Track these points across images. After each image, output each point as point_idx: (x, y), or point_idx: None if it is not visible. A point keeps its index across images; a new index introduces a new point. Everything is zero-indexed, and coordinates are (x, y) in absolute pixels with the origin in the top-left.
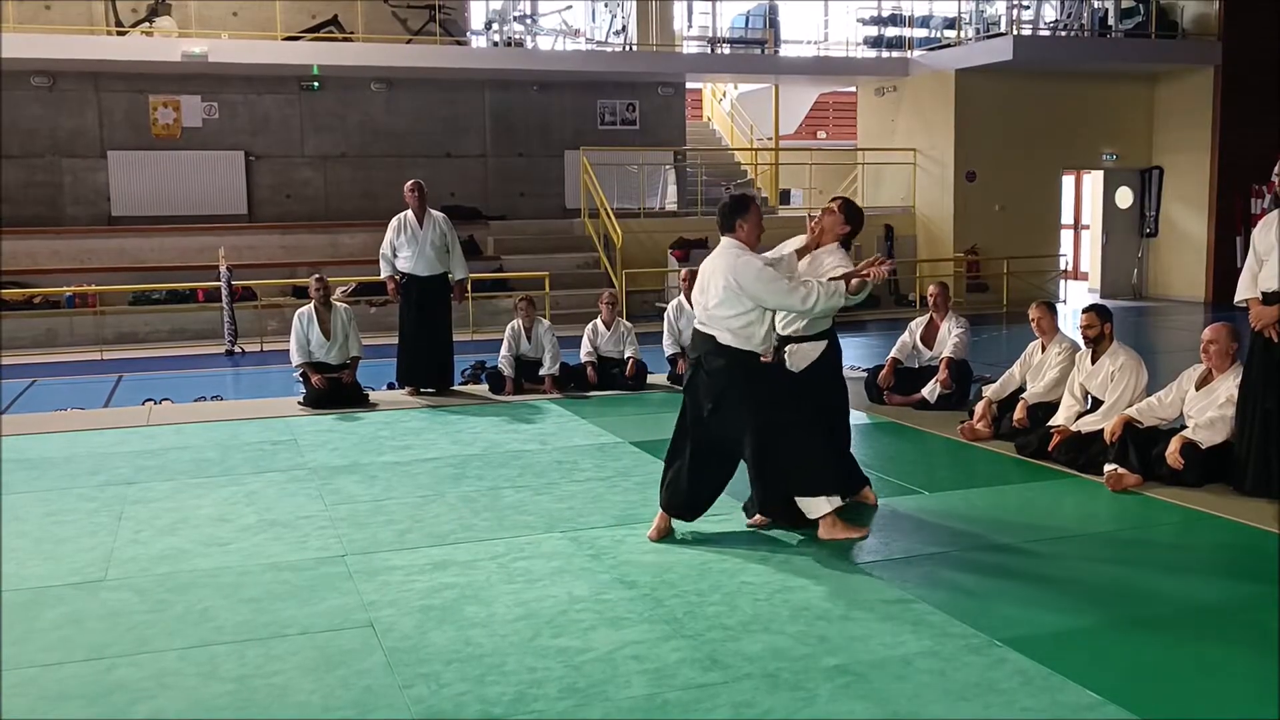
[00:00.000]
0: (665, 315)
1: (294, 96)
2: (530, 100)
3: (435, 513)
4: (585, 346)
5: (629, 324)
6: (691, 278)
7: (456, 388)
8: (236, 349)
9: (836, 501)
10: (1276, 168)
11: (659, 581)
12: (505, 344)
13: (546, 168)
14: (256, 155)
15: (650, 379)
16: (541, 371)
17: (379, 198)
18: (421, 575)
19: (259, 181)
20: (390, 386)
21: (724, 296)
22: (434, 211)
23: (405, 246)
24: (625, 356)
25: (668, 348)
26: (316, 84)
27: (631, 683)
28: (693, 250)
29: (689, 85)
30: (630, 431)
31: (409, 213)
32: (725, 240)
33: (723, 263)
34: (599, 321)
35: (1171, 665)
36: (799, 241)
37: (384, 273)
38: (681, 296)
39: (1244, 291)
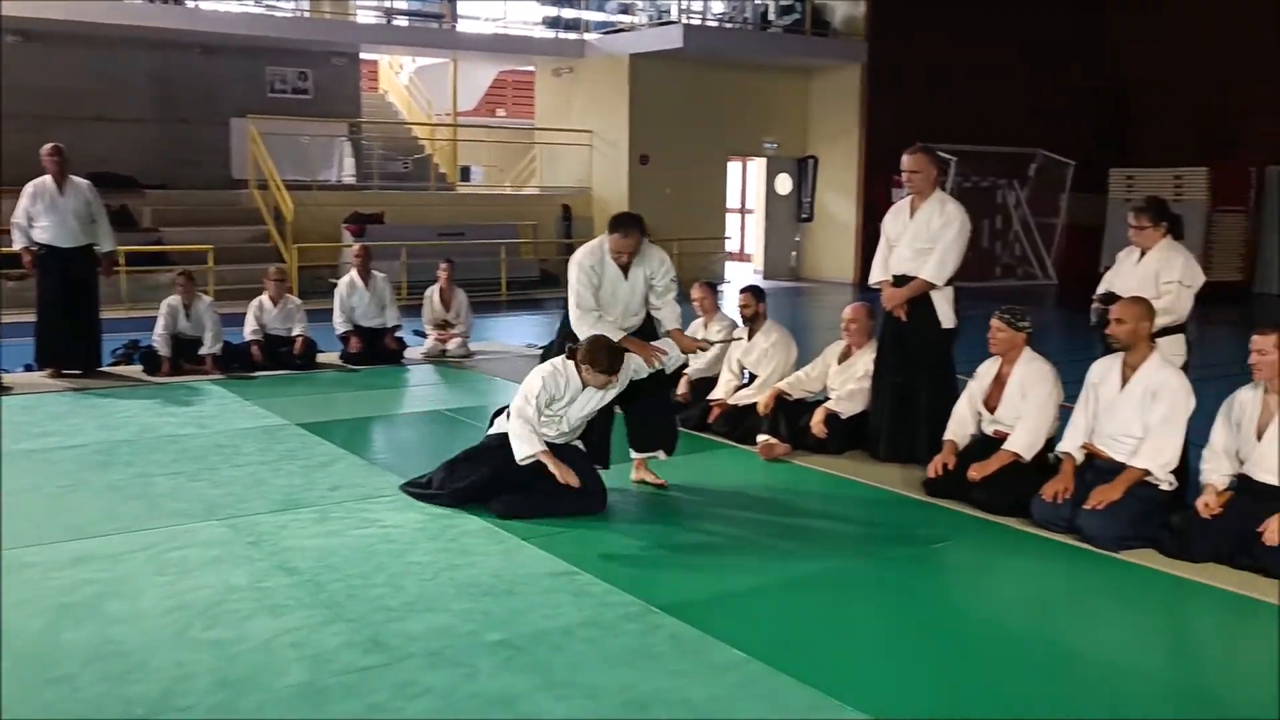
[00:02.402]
0: (336, 292)
1: None
2: (194, 63)
3: (77, 503)
4: (250, 324)
5: (298, 300)
6: (365, 253)
7: (105, 369)
8: None
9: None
10: (902, 161)
11: (321, 566)
12: (161, 321)
13: (211, 136)
14: None
15: (321, 358)
16: (202, 350)
17: (18, 162)
18: (59, 572)
19: None
20: (28, 368)
21: None
22: (76, 178)
23: (43, 215)
24: (293, 334)
25: (339, 325)
26: None
27: (289, 670)
28: (367, 225)
29: (364, 56)
30: (298, 413)
31: (47, 178)
32: None
33: None
34: (265, 298)
35: (812, 621)
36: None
37: (18, 244)
38: (354, 273)
39: (876, 274)
